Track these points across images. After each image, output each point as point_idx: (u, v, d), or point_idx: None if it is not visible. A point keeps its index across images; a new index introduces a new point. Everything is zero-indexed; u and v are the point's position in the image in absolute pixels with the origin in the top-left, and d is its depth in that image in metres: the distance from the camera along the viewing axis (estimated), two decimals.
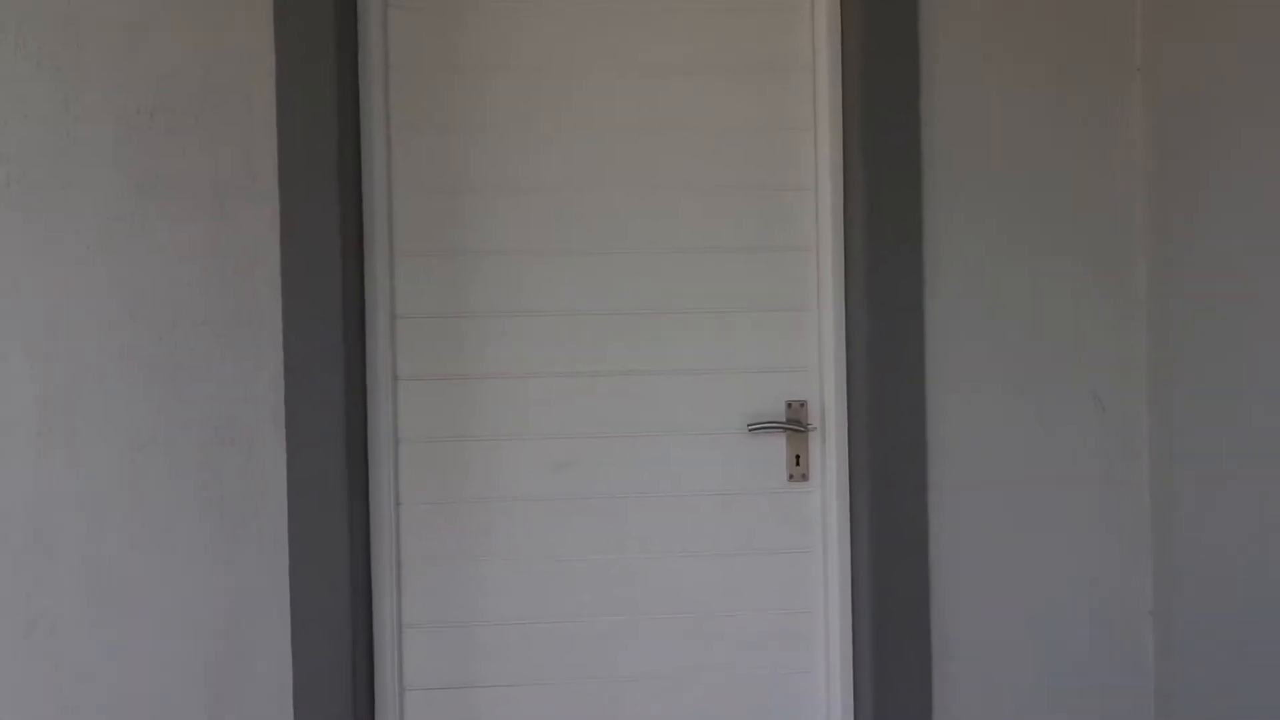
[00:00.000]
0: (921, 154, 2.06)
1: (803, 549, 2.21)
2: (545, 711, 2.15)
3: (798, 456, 2.21)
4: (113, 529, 1.92)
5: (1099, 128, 2.11)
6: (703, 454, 2.18)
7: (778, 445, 2.21)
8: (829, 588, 2.20)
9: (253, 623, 1.95)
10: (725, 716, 2.19)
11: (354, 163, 2.06)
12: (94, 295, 1.91)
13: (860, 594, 2.14)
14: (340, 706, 1.96)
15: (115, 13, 1.91)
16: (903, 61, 2.07)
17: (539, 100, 2.15)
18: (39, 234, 1.88)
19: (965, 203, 2.08)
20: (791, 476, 2.21)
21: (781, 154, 2.21)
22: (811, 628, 2.21)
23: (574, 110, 2.15)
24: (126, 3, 1.91)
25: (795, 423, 2.18)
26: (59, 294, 1.90)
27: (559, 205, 2.16)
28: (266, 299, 1.93)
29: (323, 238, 1.96)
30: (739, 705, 2.19)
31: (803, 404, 2.20)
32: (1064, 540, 2.11)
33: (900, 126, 2.08)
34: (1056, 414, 2.08)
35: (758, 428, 2.16)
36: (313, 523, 1.95)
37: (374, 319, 2.10)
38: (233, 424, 1.93)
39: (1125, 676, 2.12)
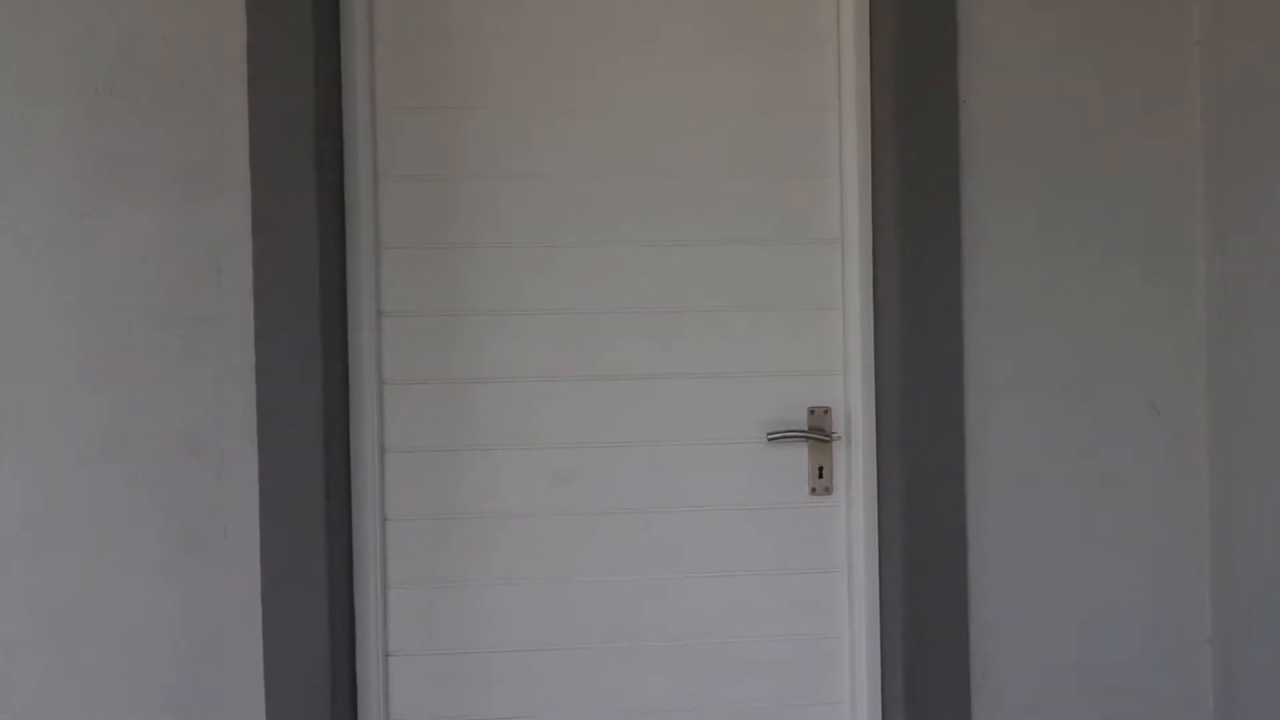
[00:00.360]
0: (960, 136, 1.88)
1: (827, 569, 2.03)
2: None
3: (820, 468, 2.03)
4: (65, 549, 1.73)
5: (1154, 109, 1.92)
6: (717, 465, 2.00)
7: (799, 456, 2.03)
8: (856, 611, 2.01)
9: (220, 653, 1.76)
10: None
11: (335, 146, 1.87)
12: (45, 291, 1.72)
13: (891, 618, 1.95)
14: None
15: None
16: (939, 34, 1.89)
17: (540, 77, 1.97)
18: None
19: (1008, 191, 1.90)
20: (814, 490, 2.03)
21: (803, 137, 2.03)
22: (837, 654, 2.03)
23: (578, 89, 1.97)
24: None
25: (818, 431, 2.00)
26: (5, 290, 1.71)
27: (561, 193, 1.97)
28: (237, 295, 1.74)
29: (300, 228, 1.77)
30: None
31: (826, 411, 2.02)
32: (1115, 561, 1.93)
33: (937, 106, 1.90)
34: (1108, 422, 1.91)
35: (777, 437, 1.98)
36: (288, 543, 1.76)
37: (357, 317, 1.91)
38: (198, 434, 1.74)
39: (1181, 711, 1.93)
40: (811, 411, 2.03)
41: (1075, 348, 1.91)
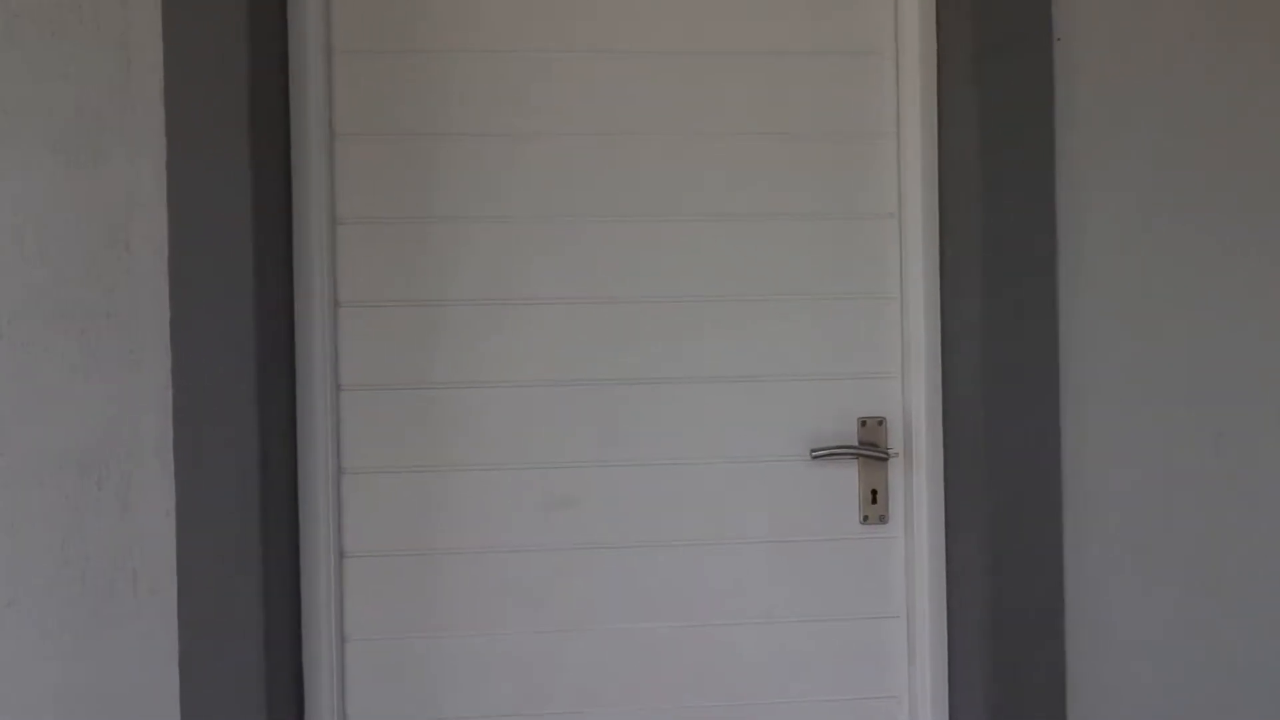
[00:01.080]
0: (1054, 84, 1.51)
1: (882, 614, 1.68)
2: None
3: (874, 492, 1.67)
4: None
5: None
6: (750, 488, 1.66)
7: (848, 477, 1.68)
8: (918, 666, 1.66)
9: None
10: None
11: (276, 93, 1.50)
12: None
13: (964, 678, 1.60)
14: None
15: None
16: None
17: (536, 12, 1.60)
18: None
19: (1114, 154, 1.55)
20: (866, 518, 1.67)
21: (852, 87, 1.67)
22: (895, 719, 1.67)
23: (581, 27, 1.61)
24: None
25: (871, 446, 1.65)
26: None
27: (561, 155, 1.62)
28: (148, 279, 1.37)
29: (229, 195, 1.40)
30: None
31: (880, 422, 1.67)
32: (1250, 611, 1.56)
33: (1025, 45, 1.53)
34: (1238, 439, 1.54)
35: (823, 454, 1.63)
36: (214, 592, 1.39)
37: (307, 308, 1.55)
38: (98, 454, 1.38)
39: None
40: (863, 423, 1.67)
41: (1198, 347, 1.56)
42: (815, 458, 1.64)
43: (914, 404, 1.66)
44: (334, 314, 1.58)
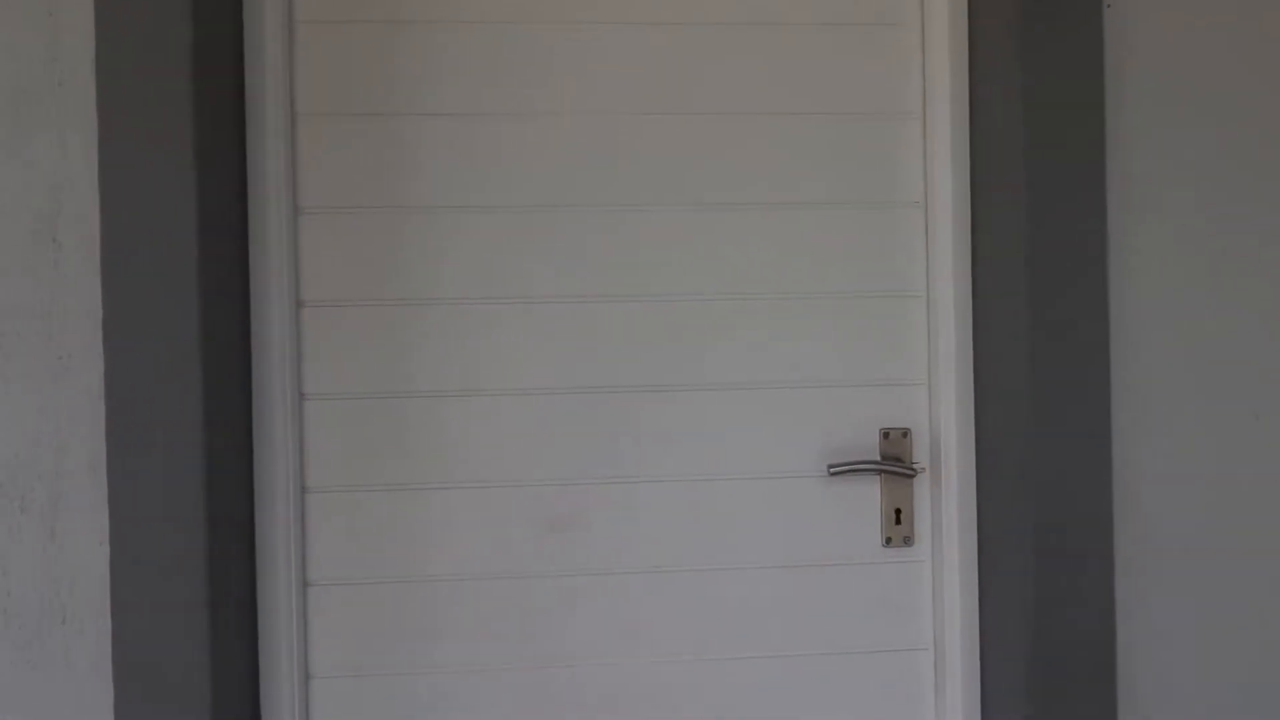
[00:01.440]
0: (1104, 53, 1.35)
1: (908, 646, 1.52)
2: None
3: (898, 511, 1.52)
4: None
5: None
6: (761, 507, 1.51)
7: (869, 494, 1.53)
8: (947, 706, 1.49)
9: None
10: None
11: (230, 62, 1.33)
12: None
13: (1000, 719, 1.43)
14: None
15: None
16: None
17: None
18: None
19: (1173, 130, 1.38)
20: (889, 540, 1.52)
21: (872, 63, 1.51)
22: None
23: None
24: None
25: (894, 461, 1.49)
26: None
27: (557, 137, 1.45)
28: (78, 275, 1.20)
29: (169, 181, 1.23)
30: None
31: (905, 434, 1.51)
32: None
33: (1070, 16, 1.37)
34: None
35: (841, 469, 1.47)
36: (154, 634, 1.22)
37: (264, 307, 1.38)
38: (22, 474, 1.21)
39: None
40: (886, 435, 1.51)
41: (1270, 356, 1.37)
42: (833, 473, 1.48)
43: (943, 414, 1.50)
44: (296, 315, 1.41)
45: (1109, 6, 1.36)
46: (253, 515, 1.36)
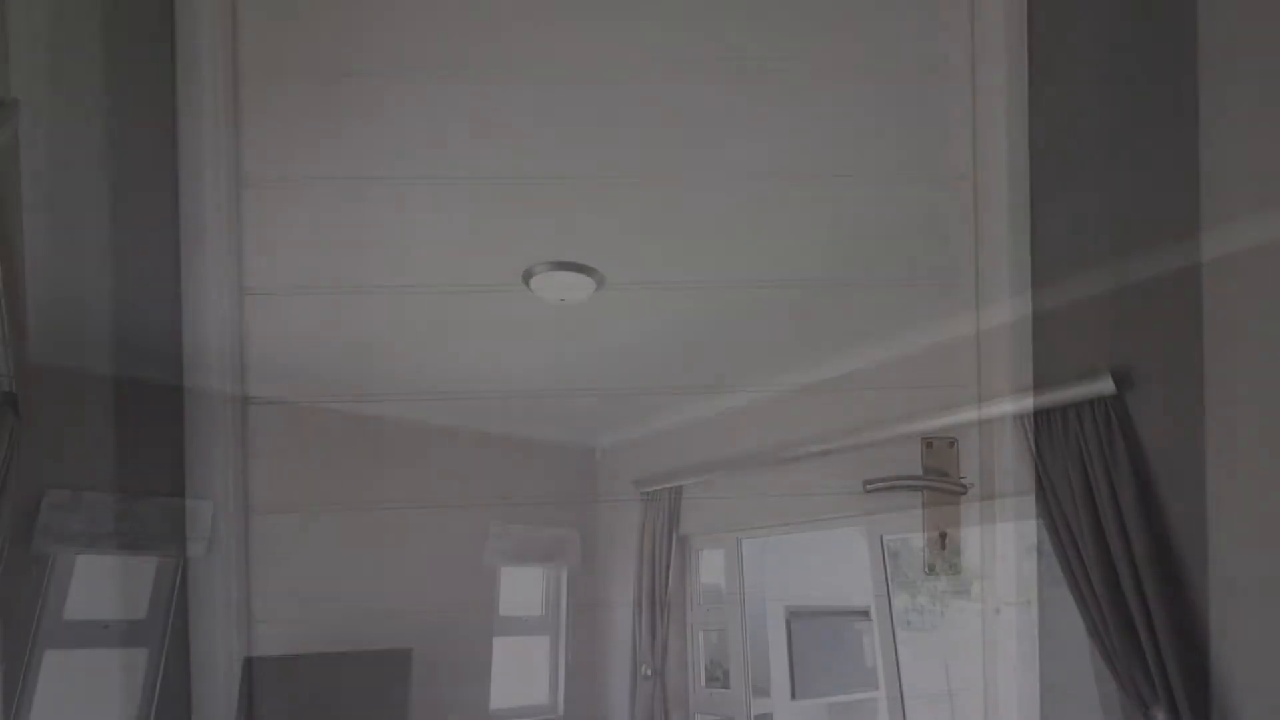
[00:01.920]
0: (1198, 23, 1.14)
1: (955, 689, 1.31)
2: None
3: (943, 535, 1.32)
4: None
5: None
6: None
7: (910, 515, 1.30)
8: None
9: None
10: None
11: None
12: None
13: None
14: None
15: None
16: None
17: None
18: None
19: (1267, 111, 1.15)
20: (932, 567, 1.31)
21: (911, 18, 1.29)
22: None
23: None
24: None
25: (939, 476, 1.29)
26: None
27: (552, 101, 1.24)
28: None
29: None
30: None
31: (951, 444, 1.32)
32: None
33: None
34: None
35: (878, 487, 1.26)
36: None
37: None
38: None
39: None
40: (929, 445, 1.31)
41: None
42: (870, 491, 1.28)
43: (995, 423, 1.29)
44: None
45: None
46: None
